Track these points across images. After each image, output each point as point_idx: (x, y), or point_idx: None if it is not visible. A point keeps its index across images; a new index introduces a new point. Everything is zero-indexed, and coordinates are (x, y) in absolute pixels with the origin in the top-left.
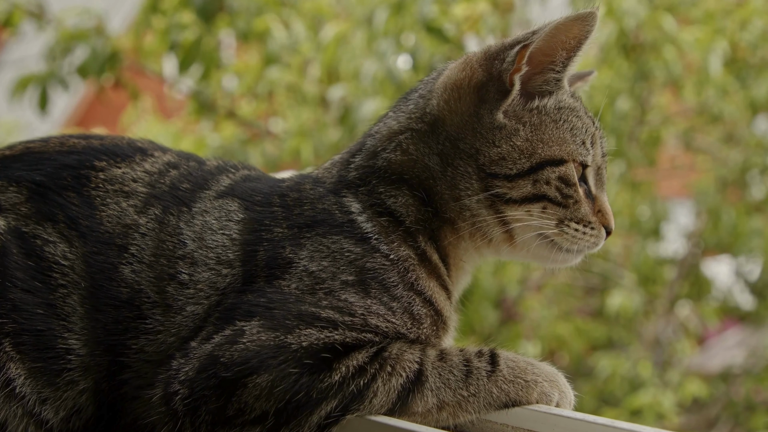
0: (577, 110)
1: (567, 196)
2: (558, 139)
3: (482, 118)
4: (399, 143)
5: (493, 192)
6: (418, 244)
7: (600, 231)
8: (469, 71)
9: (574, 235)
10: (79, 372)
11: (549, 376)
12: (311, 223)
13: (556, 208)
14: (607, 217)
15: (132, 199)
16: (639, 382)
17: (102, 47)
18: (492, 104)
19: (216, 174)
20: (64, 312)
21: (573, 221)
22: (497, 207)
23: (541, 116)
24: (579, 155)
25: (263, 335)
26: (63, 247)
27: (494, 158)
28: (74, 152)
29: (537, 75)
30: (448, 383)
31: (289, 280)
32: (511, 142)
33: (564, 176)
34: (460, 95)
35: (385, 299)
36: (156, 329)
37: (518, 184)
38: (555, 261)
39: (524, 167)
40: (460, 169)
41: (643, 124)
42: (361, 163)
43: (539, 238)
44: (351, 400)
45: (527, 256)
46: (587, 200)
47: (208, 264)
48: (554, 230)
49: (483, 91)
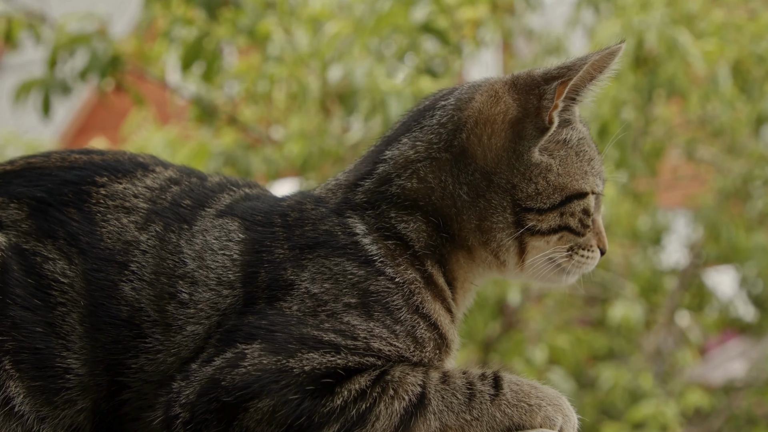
0: (587, 139)
1: (585, 226)
2: (582, 172)
3: (521, 156)
4: (416, 171)
5: (527, 226)
6: (426, 267)
7: (597, 253)
8: (504, 106)
9: (580, 261)
10: (78, 391)
11: (553, 400)
12: (313, 245)
13: (571, 237)
14: (603, 240)
15: (133, 216)
16: (640, 393)
17: (104, 51)
18: (530, 141)
19: (217, 191)
20: (63, 330)
21: (582, 248)
22: (523, 238)
23: (567, 149)
24: (596, 186)
25: (265, 359)
26: (63, 264)
27: (531, 194)
28: (75, 168)
29: (563, 109)
30: (451, 407)
31: (291, 302)
32: (547, 178)
33: (586, 208)
34: (494, 131)
35: (389, 322)
36: (156, 348)
37: (548, 217)
38: (556, 282)
39: (556, 202)
40: (493, 202)
41: (646, 134)
42: (371, 187)
43: (549, 263)
44: (353, 424)
45: (531, 277)
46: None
47: (208, 285)
48: (565, 258)
49: (519, 127)
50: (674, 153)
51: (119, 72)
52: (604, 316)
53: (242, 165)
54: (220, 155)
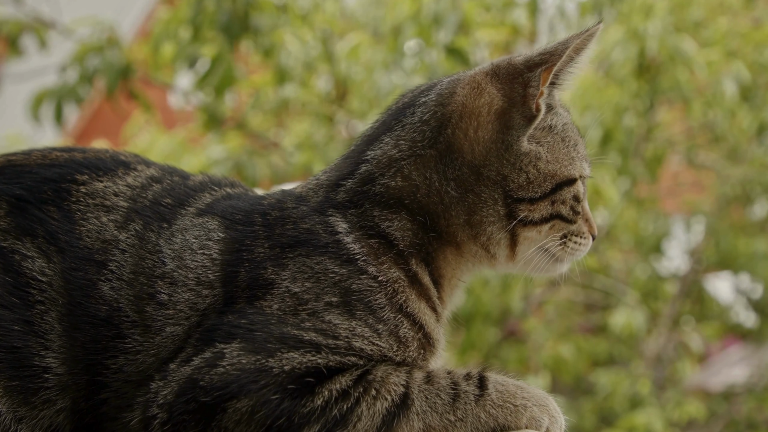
0: (570, 124)
1: (576, 213)
2: (569, 158)
3: (510, 146)
4: (399, 169)
5: (519, 217)
6: (410, 266)
7: (589, 239)
8: (488, 98)
9: (573, 248)
10: (57, 391)
11: (539, 401)
12: (294, 243)
13: (563, 225)
14: (593, 225)
15: (113, 214)
16: (638, 399)
17: (117, 59)
18: (518, 130)
19: (198, 190)
20: (41, 329)
21: (574, 235)
22: (515, 230)
23: (553, 135)
24: (584, 170)
25: (244, 358)
26: (41, 262)
27: (522, 184)
28: (56, 165)
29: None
30: (435, 407)
31: (271, 301)
32: (537, 166)
33: (576, 194)
34: (480, 123)
35: (371, 321)
36: (135, 349)
37: (539, 206)
38: (549, 271)
39: (547, 190)
40: (483, 196)
41: (648, 141)
42: (353, 187)
43: (541, 253)
44: (334, 424)
45: (524, 268)
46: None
47: (187, 285)
48: (558, 246)
49: (506, 118)
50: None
51: (129, 79)
52: (605, 323)
53: (248, 170)
54: (226, 160)
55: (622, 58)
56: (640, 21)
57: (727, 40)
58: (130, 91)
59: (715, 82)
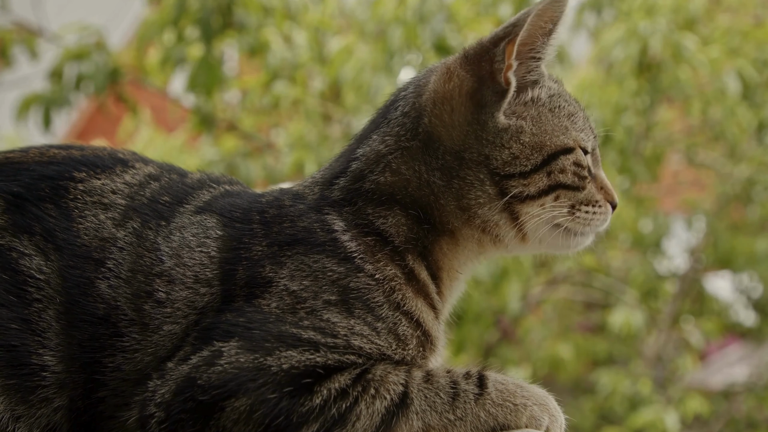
0: (564, 95)
1: (582, 178)
2: (561, 127)
3: (485, 124)
4: (387, 164)
5: (512, 194)
6: (407, 262)
7: (606, 207)
8: (457, 80)
9: (585, 218)
10: (54, 389)
11: (539, 400)
12: (291, 241)
13: (569, 194)
14: (610, 192)
15: (110, 212)
16: (639, 399)
17: (104, 64)
18: (491, 107)
19: (196, 188)
20: (39, 327)
21: (583, 204)
22: (513, 208)
23: (538, 107)
24: (582, 140)
25: (242, 357)
26: (39, 260)
27: (507, 160)
28: (54, 163)
29: (521, 66)
30: (434, 406)
31: (269, 299)
32: (519, 140)
33: (577, 162)
34: (453, 107)
35: (369, 320)
36: (133, 347)
37: (533, 179)
38: (569, 247)
39: (537, 161)
40: (469, 179)
41: (647, 139)
42: (346, 185)
43: (554, 228)
44: (333, 424)
45: (539, 247)
46: (591, 180)
47: (185, 282)
48: (567, 217)
49: (478, 97)
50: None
51: (118, 83)
52: (605, 322)
53: (242, 172)
54: (220, 162)
55: (622, 56)
56: (641, 19)
57: (728, 38)
58: (118, 94)
59: (717, 79)
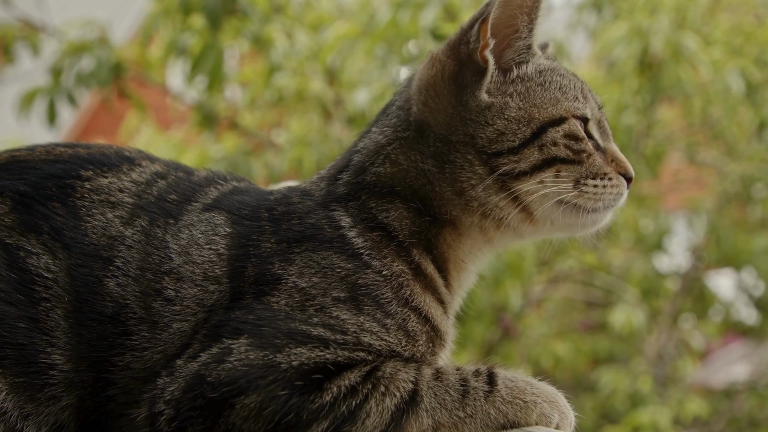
0: (558, 69)
1: (579, 151)
2: (551, 99)
3: (467, 104)
4: (387, 155)
5: (501, 171)
6: (412, 257)
7: (619, 180)
8: (440, 65)
9: (594, 192)
10: (62, 388)
11: (549, 397)
12: (300, 238)
13: (570, 168)
14: (623, 164)
15: (118, 210)
16: (639, 397)
17: (106, 58)
18: (473, 87)
19: (204, 186)
20: (47, 326)
21: (589, 177)
22: (508, 186)
23: (525, 83)
24: (576, 110)
25: (251, 354)
26: (46, 259)
27: (492, 137)
28: (60, 161)
29: (506, 49)
30: (444, 403)
31: (279, 296)
32: (504, 116)
33: (570, 132)
34: (437, 92)
35: (379, 316)
36: (142, 346)
37: (524, 154)
38: (584, 226)
39: (526, 135)
40: (458, 162)
41: (648, 138)
42: (349, 179)
43: (560, 205)
44: (343, 421)
45: (552, 229)
46: (598, 153)
47: (194, 280)
48: (573, 192)
49: (459, 79)
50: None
51: (121, 79)
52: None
53: (243, 170)
54: (222, 160)
55: (624, 55)
56: (644, 18)
57: (729, 38)
58: (122, 90)
59: (719, 79)
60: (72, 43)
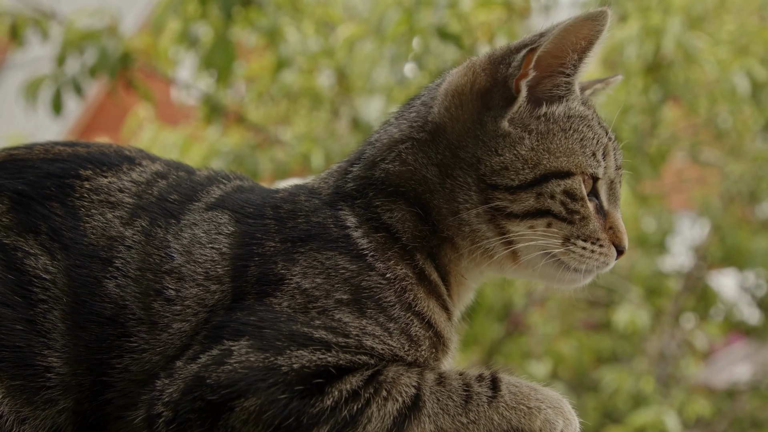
0: (588, 119)
1: (572, 212)
2: (566, 150)
3: (485, 126)
4: (399, 153)
5: (492, 205)
6: (416, 262)
7: (610, 249)
8: (472, 76)
9: (581, 254)
10: (59, 391)
11: (553, 403)
12: (305, 237)
13: (561, 225)
14: (618, 235)
15: (118, 210)
16: (642, 397)
17: (114, 47)
18: (497, 111)
19: (206, 185)
20: (44, 328)
21: (580, 239)
22: (498, 222)
23: (549, 124)
24: (588, 167)
25: (252, 356)
26: (45, 260)
27: (496, 168)
28: (59, 160)
29: (546, 79)
30: (447, 409)
31: (281, 297)
32: (515, 150)
33: (570, 190)
34: (462, 102)
35: (382, 320)
36: (141, 348)
37: (520, 197)
38: (562, 281)
39: (527, 178)
40: (459, 180)
41: (652, 137)
42: (359, 173)
43: (545, 256)
44: (344, 426)
45: (533, 275)
46: (597, 216)
47: (196, 279)
48: (560, 249)
49: (487, 98)
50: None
51: (129, 69)
52: (609, 319)
53: (250, 165)
54: (228, 154)
55: (634, 55)
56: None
57: (734, 38)
58: (129, 81)
59: (725, 78)
60: (78, 31)
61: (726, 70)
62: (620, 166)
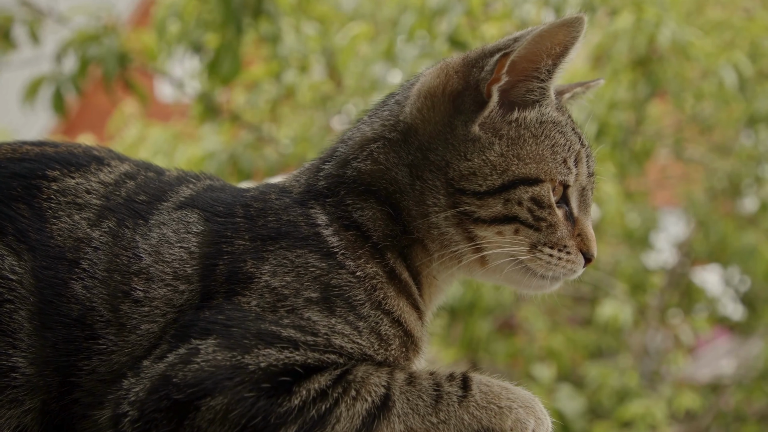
0: (561, 125)
1: (539, 219)
2: (536, 156)
3: (456, 129)
4: (371, 152)
5: (460, 209)
6: (387, 261)
7: (577, 256)
8: (445, 78)
9: (548, 261)
10: (25, 391)
11: (525, 402)
12: (275, 236)
13: (528, 231)
14: (586, 242)
15: (85, 212)
16: (626, 392)
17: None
18: (468, 116)
19: (175, 185)
20: (9, 328)
21: (547, 246)
22: (466, 226)
23: (520, 130)
24: (558, 174)
25: (219, 355)
26: (11, 260)
27: (464, 173)
28: (26, 160)
29: (519, 83)
30: (417, 409)
31: (250, 296)
32: (483, 156)
33: (537, 197)
34: (434, 103)
35: (351, 318)
36: (109, 350)
37: (488, 202)
38: (528, 287)
39: (495, 184)
40: (428, 183)
41: (637, 134)
42: (331, 171)
43: (513, 262)
44: (312, 426)
45: (501, 280)
46: (566, 223)
47: (164, 279)
48: (527, 255)
49: (459, 101)
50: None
51: (126, 69)
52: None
53: (243, 163)
54: (222, 152)
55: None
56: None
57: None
58: (126, 80)
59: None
60: (82, 32)
61: (713, 64)
62: (593, 173)
